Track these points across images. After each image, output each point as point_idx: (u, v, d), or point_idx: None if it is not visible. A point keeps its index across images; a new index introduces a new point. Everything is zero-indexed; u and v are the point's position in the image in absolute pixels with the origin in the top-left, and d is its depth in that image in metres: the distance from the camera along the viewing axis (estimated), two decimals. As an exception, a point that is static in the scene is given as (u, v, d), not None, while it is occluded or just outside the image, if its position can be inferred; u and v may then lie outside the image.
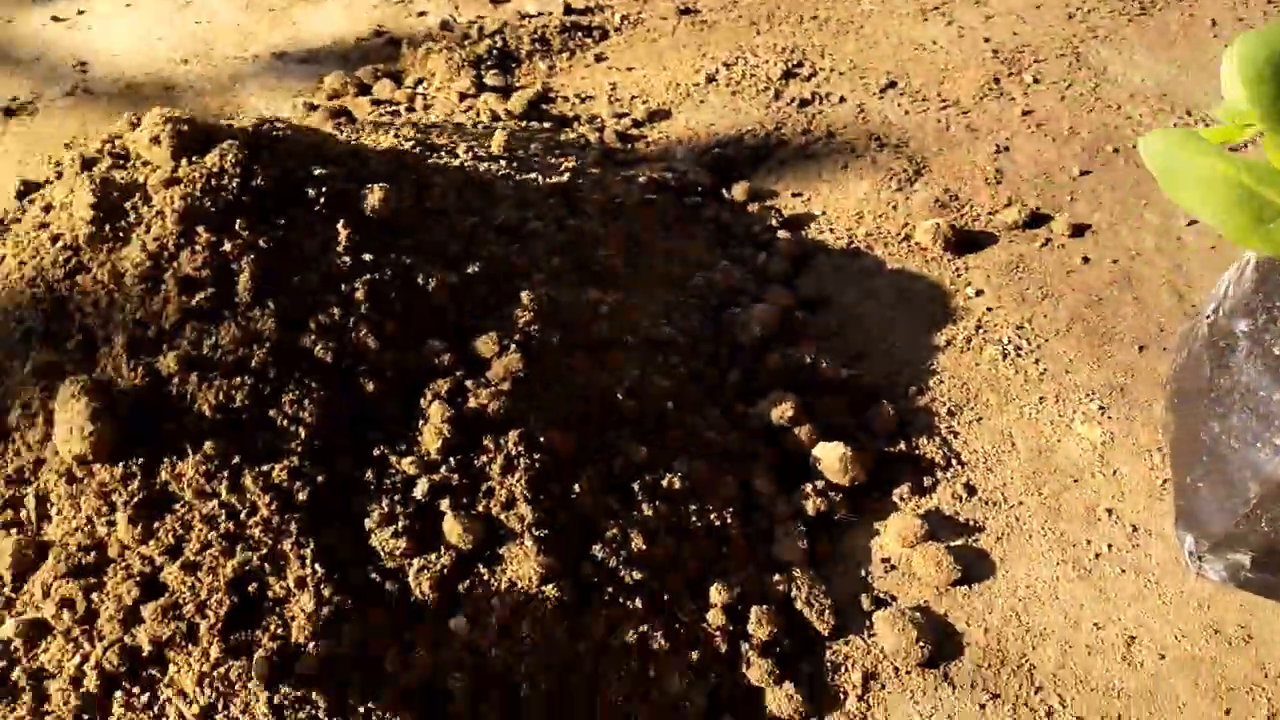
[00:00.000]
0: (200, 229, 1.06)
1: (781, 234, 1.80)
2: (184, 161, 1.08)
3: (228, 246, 1.07)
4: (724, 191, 1.92)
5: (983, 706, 1.23)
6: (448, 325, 1.24)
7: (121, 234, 1.07)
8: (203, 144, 1.10)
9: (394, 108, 2.12)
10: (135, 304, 1.06)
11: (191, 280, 1.06)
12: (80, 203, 1.08)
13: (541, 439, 1.21)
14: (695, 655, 1.21)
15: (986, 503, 1.44)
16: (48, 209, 1.15)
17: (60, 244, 1.09)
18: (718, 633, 1.23)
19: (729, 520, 1.32)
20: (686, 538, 1.28)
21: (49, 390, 1.04)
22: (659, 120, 2.12)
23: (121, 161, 1.12)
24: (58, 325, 1.09)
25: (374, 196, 1.17)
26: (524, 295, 1.27)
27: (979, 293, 1.72)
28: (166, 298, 1.06)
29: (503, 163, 1.58)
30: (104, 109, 2.21)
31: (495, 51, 2.28)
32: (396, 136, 1.51)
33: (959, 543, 1.38)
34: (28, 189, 1.23)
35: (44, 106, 2.22)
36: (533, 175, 1.55)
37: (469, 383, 1.21)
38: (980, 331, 1.66)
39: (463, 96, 2.16)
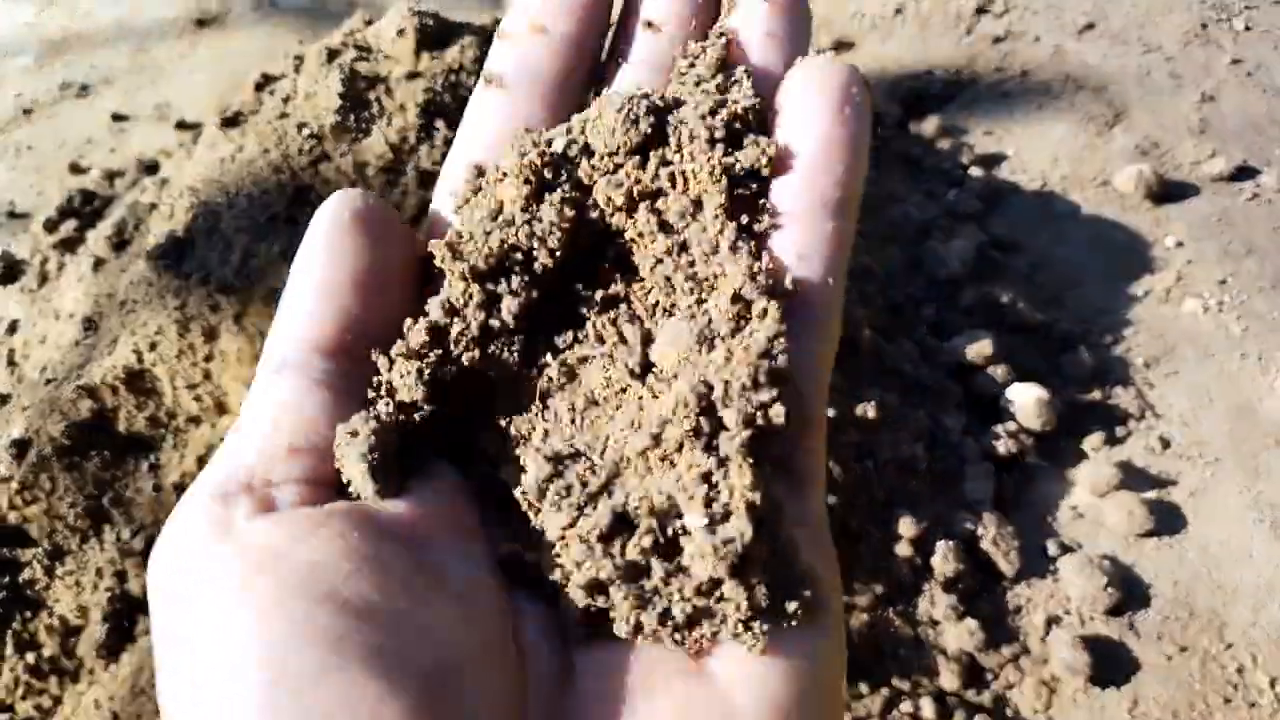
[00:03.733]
0: (440, 123, 1.09)
1: (973, 171, 1.76)
2: (425, 56, 1.10)
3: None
4: (912, 126, 1.88)
5: (1169, 658, 1.21)
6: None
7: (364, 125, 1.11)
8: (443, 39, 1.12)
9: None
10: (377, 195, 1.10)
11: (431, 176, 1.09)
12: (328, 91, 1.11)
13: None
14: (880, 587, 1.21)
15: (1181, 457, 1.40)
16: (287, 100, 1.19)
17: (306, 132, 1.13)
18: (904, 564, 1.23)
19: (919, 454, 1.31)
20: (876, 466, 1.28)
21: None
22: (843, 50, 2.08)
23: (364, 54, 1.15)
24: (301, 212, 1.13)
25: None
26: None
27: (1179, 244, 1.65)
28: (405, 190, 1.09)
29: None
30: (290, 22, 2.27)
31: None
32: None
33: (1151, 495, 1.35)
34: (266, 81, 1.27)
35: (233, 19, 2.29)
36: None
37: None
38: (1180, 283, 1.60)
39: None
